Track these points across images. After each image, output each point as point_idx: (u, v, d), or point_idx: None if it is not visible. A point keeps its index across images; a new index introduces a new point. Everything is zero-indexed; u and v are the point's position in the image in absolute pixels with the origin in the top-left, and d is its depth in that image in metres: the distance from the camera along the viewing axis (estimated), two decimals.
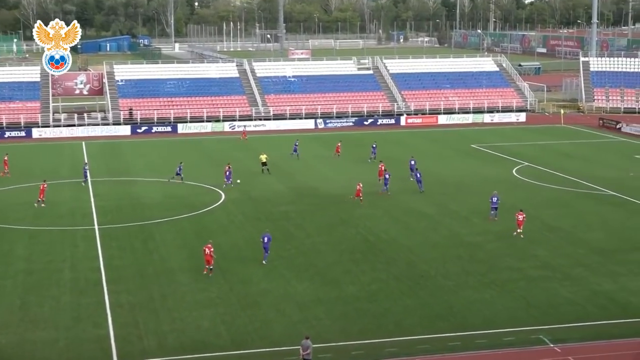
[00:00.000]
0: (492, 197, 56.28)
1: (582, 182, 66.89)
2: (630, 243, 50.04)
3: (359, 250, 48.71)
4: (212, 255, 44.40)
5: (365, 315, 38.68)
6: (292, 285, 42.67)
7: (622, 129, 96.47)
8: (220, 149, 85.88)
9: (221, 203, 60.95)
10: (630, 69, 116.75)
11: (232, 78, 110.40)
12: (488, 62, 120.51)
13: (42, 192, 60.00)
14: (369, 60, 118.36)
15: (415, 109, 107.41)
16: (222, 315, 38.77)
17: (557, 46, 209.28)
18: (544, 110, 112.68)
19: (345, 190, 64.43)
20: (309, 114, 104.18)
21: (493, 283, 42.89)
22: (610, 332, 36.59)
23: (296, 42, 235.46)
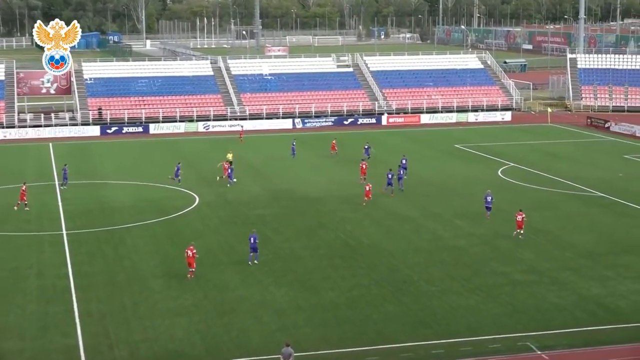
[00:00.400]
0: (486, 196, 57.26)
1: (570, 183, 67.27)
2: (619, 246, 50.40)
3: (339, 255, 48.78)
4: (194, 258, 44.58)
5: (345, 322, 38.74)
6: (269, 292, 42.68)
7: (610, 128, 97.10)
8: (194, 150, 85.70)
9: (195, 206, 60.85)
10: (619, 66, 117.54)
11: (206, 76, 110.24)
12: (472, 59, 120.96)
13: (23, 194, 59.88)
14: (349, 57, 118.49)
15: (397, 108, 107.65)
16: (196, 323, 38.70)
17: (543, 42, 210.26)
18: (530, 109, 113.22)
19: (324, 193, 64.56)
20: (287, 113, 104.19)
21: (478, 288, 43.08)
22: (599, 338, 36.83)
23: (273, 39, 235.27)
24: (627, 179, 69.68)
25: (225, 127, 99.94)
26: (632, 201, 61.27)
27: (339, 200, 62.14)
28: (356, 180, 67.67)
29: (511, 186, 67.16)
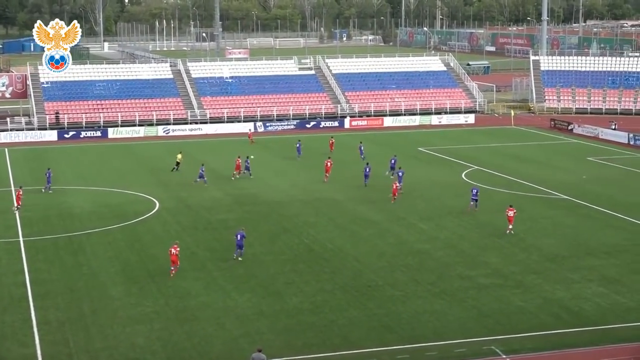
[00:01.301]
0: (473, 189, 60.77)
1: (534, 185, 67.82)
2: (583, 249, 50.90)
3: (303, 260, 48.80)
4: (177, 256, 45.69)
5: (309, 328, 38.76)
6: (232, 298, 42.59)
7: (574, 130, 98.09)
8: (154, 154, 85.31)
9: (156, 212, 60.59)
10: (582, 68, 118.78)
11: (166, 79, 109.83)
12: (435, 62, 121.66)
13: (19, 198, 60.70)
14: (311, 59, 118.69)
15: (360, 111, 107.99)
16: (157, 331, 38.53)
17: (506, 44, 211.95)
18: (493, 112, 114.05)
19: (287, 197, 64.57)
20: (248, 116, 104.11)
21: (443, 292, 43.29)
22: (564, 341, 37.17)
23: (233, 41, 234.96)
24: (591, 181, 70.39)
25: (186, 130, 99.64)
26: (596, 203, 61.92)
27: (302, 205, 62.19)
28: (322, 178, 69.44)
29: None
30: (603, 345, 36.66)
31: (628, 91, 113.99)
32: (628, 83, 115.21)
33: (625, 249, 50.85)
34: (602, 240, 52.74)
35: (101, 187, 68.14)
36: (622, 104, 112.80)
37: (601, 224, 56.72)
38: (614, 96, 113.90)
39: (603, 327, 38.75)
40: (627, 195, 65.20)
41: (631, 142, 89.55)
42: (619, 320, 39.59)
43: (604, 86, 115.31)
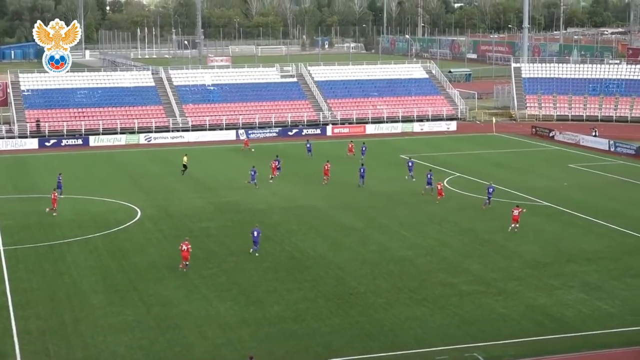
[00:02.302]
0: (489, 187, 63.11)
1: (515, 192, 68.05)
2: (564, 255, 51.10)
3: (285, 268, 48.76)
4: (189, 252, 47.45)
5: (291, 336, 38.72)
6: (214, 306, 42.51)
7: (555, 137, 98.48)
8: (135, 162, 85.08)
9: (137, 220, 60.41)
10: (563, 75, 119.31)
11: (148, 87, 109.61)
12: (417, 69, 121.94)
13: (55, 200, 61.83)
14: (293, 67, 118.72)
15: (342, 118, 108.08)
16: (139, 340, 38.39)
17: (487, 52, 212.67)
18: (475, 119, 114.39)
19: (269, 205, 64.51)
20: (230, 124, 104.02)
21: (425, 299, 43.35)
22: (546, 348, 37.29)
23: (215, 49, 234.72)
24: (572, 188, 70.67)
25: (168, 138, 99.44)
26: (577, 210, 62.17)
27: (284, 212, 62.16)
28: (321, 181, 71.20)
29: (457, 196, 67.70)
30: (584, 352, 36.80)
31: (608, 98, 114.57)
32: (608, 90, 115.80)
33: (606, 255, 51.09)
34: (584, 246, 52.97)
35: (82, 196, 67.87)
36: (603, 110, 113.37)
37: (582, 231, 56.96)
38: (594, 103, 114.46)
39: (584, 333, 38.92)
40: (608, 202, 65.50)
41: (612, 149, 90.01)
42: (600, 326, 39.76)
43: (584, 93, 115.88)
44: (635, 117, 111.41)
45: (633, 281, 46.17)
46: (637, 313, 41.36)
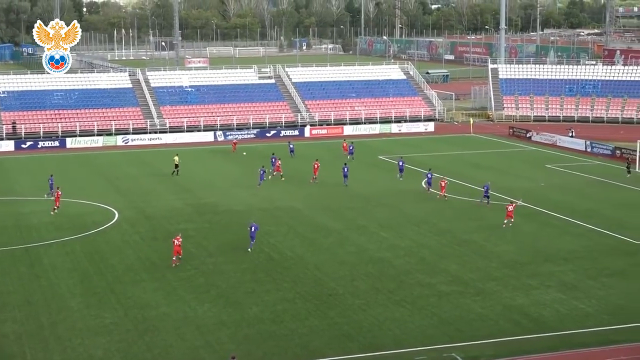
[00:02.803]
0: (485, 185, 64.56)
1: (493, 193, 68.21)
2: (542, 255, 51.35)
3: (263, 269, 48.73)
4: (180, 246, 48.73)
5: (270, 337, 38.70)
6: (192, 308, 42.41)
7: (532, 137, 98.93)
8: (113, 164, 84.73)
9: (115, 222, 60.20)
10: (540, 76, 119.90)
11: (125, 89, 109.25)
12: (395, 70, 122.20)
13: (58, 199, 62.13)
14: (271, 68, 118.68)
15: (320, 120, 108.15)
16: (117, 342, 38.25)
17: (465, 53, 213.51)
18: (452, 120, 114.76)
19: (247, 207, 64.43)
20: (208, 126, 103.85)
21: (403, 300, 43.44)
22: (524, 347, 37.44)
23: (193, 50, 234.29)
24: (549, 189, 71.00)
25: (145, 140, 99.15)
26: (554, 210, 62.47)
27: (262, 214, 62.07)
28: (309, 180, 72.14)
29: (435, 197, 67.83)
30: (562, 351, 36.99)
31: (585, 99, 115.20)
32: (585, 91, 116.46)
33: (583, 255, 51.38)
34: (561, 246, 53.24)
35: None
36: (579, 111, 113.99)
37: (559, 231, 57.25)
38: (571, 104, 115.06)
39: (562, 332, 39.11)
40: (584, 202, 65.87)
41: (588, 149, 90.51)
42: (577, 325, 39.97)
43: (561, 94, 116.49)
44: (611, 118, 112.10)
45: (609, 280, 46.46)
46: (613, 312, 41.63)
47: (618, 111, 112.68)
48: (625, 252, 52.08)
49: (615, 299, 43.51)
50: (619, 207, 64.09)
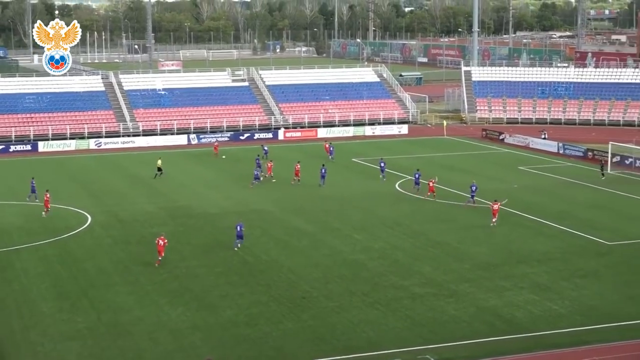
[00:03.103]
0: (472, 185, 65.03)
1: (467, 195, 68.45)
2: (515, 257, 51.58)
3: (237, 273, 48.64)
4: (164, 247, 49.49)
5: (244, 340, 38.62)
6: (165, 312, 42.26)
7: (505, 139, 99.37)
8: (85, 167, 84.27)
9: (87, 226, 59.88)
10: (512, 79, 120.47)
11: (98, 92, 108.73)
12: (368, 73, 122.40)
13: (47, 202, 62.44)
14: (244, 71, 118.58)
15: (294, 122, 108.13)
16: (90, 347, 38.03)
17: (438, 55, 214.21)
18: (426, 122, 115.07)
19: (221, 210, 64.34)
20: (181, 129, 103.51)
21: (377, 302, 43.48)
22: (497, 349, 37.57)
23: (166, 53, 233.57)
24: (522, 190, 71.35)
25: (118, 143, 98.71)
26: (527, 212, 62.78)
27: (236, 217, 61.85)
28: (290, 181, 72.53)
29: (409, 199, 68.05)
30: (535, 352, 37.16)
31: (557, 101, 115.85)
32: (557, 93, 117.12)
33: (555, 256, 51.66)
34: (534, 248, 53.51)
35: (32, 202, 67.06)
36: (552, 113, 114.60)
37: (532, 232, 57.53)
38: (543, 106, 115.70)
39: (535, 333, 39.29)
40: (557, 204, 66.23)
41: (561, 151, 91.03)
42: (550, 326, 40.18)
43: (534, 96, 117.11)
44: (583, 120, 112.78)
45: (582, 281, 46.75)
46: (586, 313, 41.89)
47: (590, 113, 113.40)
48: (598, 253, 52.43)
49: (588, 300, 43.79)
50: (591, 208, 64.53)
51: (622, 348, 37.50)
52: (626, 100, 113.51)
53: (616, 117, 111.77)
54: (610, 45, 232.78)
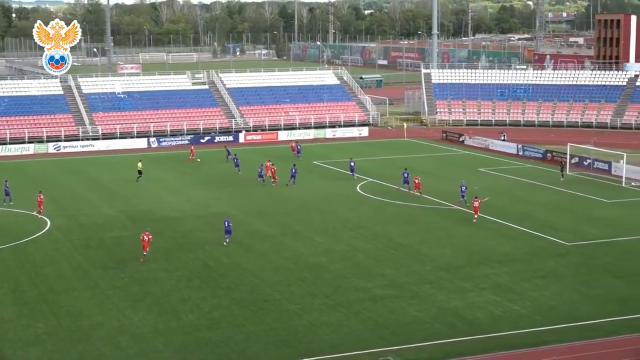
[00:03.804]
0: (462, 185, 66.15)
1: (427, 197, 68.83)
2: (476, 258, 51.87)
3: (199, 276, 48.45)
4: (149, 242, 51.04)
5: (206, 344, 38.48)
6: (126, 316, 41.98)
7: (465, 141, 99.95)
8: (45, 172, 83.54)
9: (47, 231, 59.36)
10: (472, 81, 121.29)
11: (56, 95, 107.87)
12: (328, 75, 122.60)
13: (41, 203, 63.41)
14: (204, 74, 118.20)
15: (254, 125, 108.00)
16: (50, 352, 37.69)
17: (398, 58, 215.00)
18: (386, 124, 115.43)
19: (181, 213, 64.09)
20: (141, 132, 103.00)
21: (339, 305, 43.52)
22: (458, 350, 37.73)
23: (125, 56, 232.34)
24: (483, 192, 71.68)
25: (77, 147, 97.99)
26: (487, 213, 63.10)
27: (197, 220, 61.79)
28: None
29: (370, 202, 68.21)
30: (496, 353, 37.38)
31: (516, 103, 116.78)
32: (516, 95, 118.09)
33: (516, 257, 52.01)
34: (495, 249, 53.84)
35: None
36: (511, 115, 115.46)
37: (493, 234, 57.88)
38: (503, 108, 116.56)
39: (496, 334, 39.51)
40: (517, 205, 66.71)
41: (520, 153, 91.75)
42: (511, 327, 40.43)
43: (493, 98, 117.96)
44: (542, 121, 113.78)
45: (542, 282, 47.11)
46: (546, 313, 42.22)
47: (549, 115, 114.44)
48: (557, 253, 52.88)
49: (548, 300, 44.14)
50: (550, 210, 65.06)
51: (581, 347, 37.86)
52: (584, 102, 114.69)
53: (574, 119, 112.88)
54: (568, 48, 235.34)
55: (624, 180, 75.16)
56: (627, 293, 45.22)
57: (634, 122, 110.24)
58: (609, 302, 43.74)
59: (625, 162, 76.39)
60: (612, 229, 58.67)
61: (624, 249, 53.89)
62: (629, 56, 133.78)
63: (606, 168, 79.85)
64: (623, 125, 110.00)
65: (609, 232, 57.94)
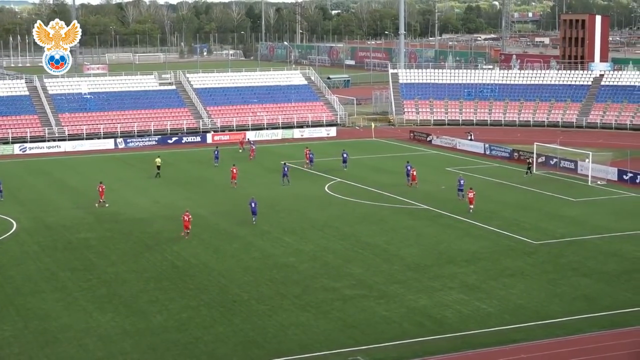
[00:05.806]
0: (459, 179, 68.65)
1: (395, 196, 69.00)
2: (444, 257, 52.08)
3: (167, 277, 48.26)
4: (190, 221, 55.49)
5: (175, 346, 38.33)
6: (94, 318, 41.74)
7: (432, 141, 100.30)
8: (10, 173, 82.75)
9: (13, 233, 58.88)
10: (439, 81, 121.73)
11: (21, 96, 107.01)
12: (296, 76, 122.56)
13: (102, 192, 66.44)
14: (171, 75, 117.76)
15: (222, 126, 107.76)
16: (17, 355, 37.39)
17: (365, 58, 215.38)
18: (354, 124, 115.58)
19: (149, 214, 63.81)
20: (108, 133, 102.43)
21: (308, 305, 43.53)
22: (427, 349, 37.87)
23: (91, 57, 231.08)
24: (450, 192, 72.02)
25: (44, 148, 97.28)
26: (455, 213, 63.44)
27: (165, 221, 61.53)
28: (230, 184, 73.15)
29: (338, 202, 68.27)
30: (464, 351, 37.55)
31: (483, 102, 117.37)
32: (483, 95, 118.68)
33: (483, 256, 52.27)
34: (462, 248, 54.08)
35: None
36: (478, 115, 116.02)
37: (461, 233, 58.13)
38: (470, 107, 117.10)
39: (464, 333, 39.69)
40: (484, 204, 66.93)
41: (487, 152, 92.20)
42: (479, 326, 40.63)
43: (460, 98, 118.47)
44: (508, 121, 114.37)
45: (509, 281, 47.38)
46: (513, 312, 42.47)
47: (515, 114, 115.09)
48: (524, 252, 53.20)
49: (516, 299, 44.40)
50: (517, 209, 65.43)
51: (549, 345, 38.12)
52: (550, 102, 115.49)
53: (541, 118, 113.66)
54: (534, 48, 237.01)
55: (590, 179, 75.76)
56: (593, 291, 45.60)
57: (599, 121, 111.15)
58: (576, 300, 44.10)
59: (591, 161, 77.00)
60: (579, 228, 59.13)
61: (590, 247, 54.32)
62: (594, 56, 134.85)
63: (572, 167, 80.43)
64: (589, 124, 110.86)
65: (576, 230, 58.39)
